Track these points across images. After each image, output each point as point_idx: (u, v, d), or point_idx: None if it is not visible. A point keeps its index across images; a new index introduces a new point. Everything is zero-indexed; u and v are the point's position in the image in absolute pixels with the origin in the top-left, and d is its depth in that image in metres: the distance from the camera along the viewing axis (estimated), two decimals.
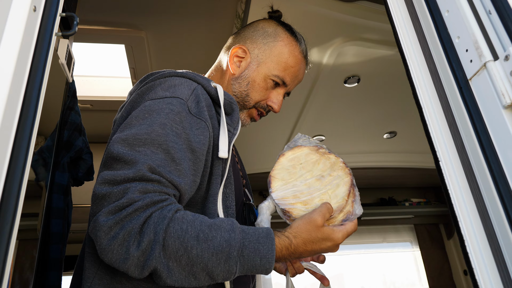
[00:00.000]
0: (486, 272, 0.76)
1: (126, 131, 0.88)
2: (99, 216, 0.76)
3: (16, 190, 0.70)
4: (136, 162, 0.81)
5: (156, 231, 0.76)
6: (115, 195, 0.78)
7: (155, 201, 0.79)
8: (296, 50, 1.24)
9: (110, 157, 0.85)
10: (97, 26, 2.30)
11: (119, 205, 0.77)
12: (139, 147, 0.84)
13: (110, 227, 0.75)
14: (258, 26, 1.29)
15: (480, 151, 0.81)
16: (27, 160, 0.75)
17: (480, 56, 0.84)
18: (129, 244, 0.75)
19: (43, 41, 0.78)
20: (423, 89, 0.97)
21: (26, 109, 0.77)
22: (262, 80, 1.20)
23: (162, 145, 0.86)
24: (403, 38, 1.06)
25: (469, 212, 0.81)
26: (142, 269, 0.76)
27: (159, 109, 0.91)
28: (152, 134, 0.86)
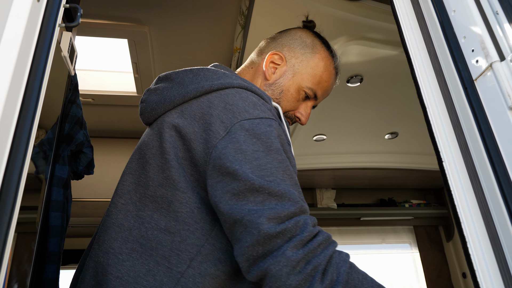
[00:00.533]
0: (488, 274, 0.75)
1: (245, 159, 0.84)
2: (286, 251, 0.75)
3: (15, 184, 0.70)
4: (287, 194, 0.81)
5: (339, 272, 0.77)
6: (290, 230, 0.77)
7: (328, 236, 0.82)
8: (331, 65, 1.24)
9: (248, 189, 0.81)
10: (100, 20, 2.30)
11: (303, 240, 0.77)
12: (268, 177, 0.83)
13: (298, 262, 0.75)
14: (296, 35, 1.27)
15: (485, 152, 0.80)
16: (27, 154, 0.74)
17: (486, 57, 0.83)
18: (314, 279, 0.75)
19: (46, 32, 0.78)
20: (428, 89, 0.96)
21: (27, 101, 0.76)
22: (295, 91, 1.19)
23: (286, 171, 0.86)
24: (409, 38, 1.05)
25: (471, 213, 0.81)
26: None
27: (265, 132, 0.89)
28: (274, 162, 0.86)
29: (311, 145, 3.48)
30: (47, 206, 1.33)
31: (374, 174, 4.03)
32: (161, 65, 2.71)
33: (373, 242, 4.40)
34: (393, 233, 4.48)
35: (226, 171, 0.83)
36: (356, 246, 4.36)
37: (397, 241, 4.46)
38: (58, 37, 1.37)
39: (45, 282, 1.28)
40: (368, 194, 4.51)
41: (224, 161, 0.84)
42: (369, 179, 4.18)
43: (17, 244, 1.15)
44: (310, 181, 4.20)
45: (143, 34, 2.39)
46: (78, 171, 1.50)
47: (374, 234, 4.43)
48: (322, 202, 4.29)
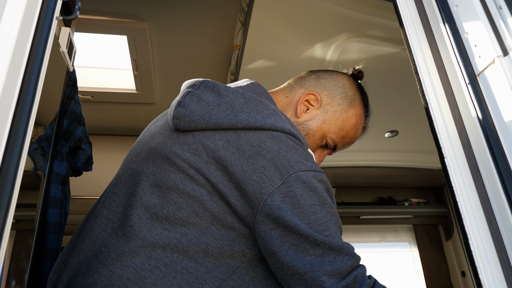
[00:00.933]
0: (490, 271, 0.74)
1: (302, 214, 0.85)
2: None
3: (11, 181, 0.69)
4: (344, 248, 0.85)
5: None
6: (350, 286, 0.82)
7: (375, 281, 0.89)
8: (361, 124, 1.26)
9: (308, 242, 0.83)
10: (99, 16, 2.28)
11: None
12: (325, 231, 0.85)
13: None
14: (341, 82, 1.25)
15: (487, 148, 0.79)
16: (23, 151, 0.73)
17: (490, 52, 0.82)
18: None
19: (44, 24, 0.77)
20: (429, 85, 0.96)
21: (23, 96, 0.75)
22: (319, 138, 1.18)
23: (337, 223, 0.90)
24: (410, 33, 1.04)
25: (473, 209, 0.80)
26: None
27: (318, 187, 0.90)
28: (328, 216, 0.88)
29: None
30: (45, 203, 1.32)
31: (373, 173, 4.03)
32: (160, 62, 2.70)
33: (372, 240, 4.40)
34: (393, 232, 4.48)
35: (284, 223, 0.83)
36: (355, 244, 4.34)
37: (397, 240, 4.46)
38: (56, 32, 1.36)
39: (43, 278, 1.27)
40: (368, 192, 4.51)
41: (283, 213, 0.84)
42: (369, 177, 4.17)
43: (15, 241, 1.15)
44: None
45: (143, 30, 2.37)
46: (76, 167, 1.50)
47: (373, 233, 4.43)
48: None
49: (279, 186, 0.86)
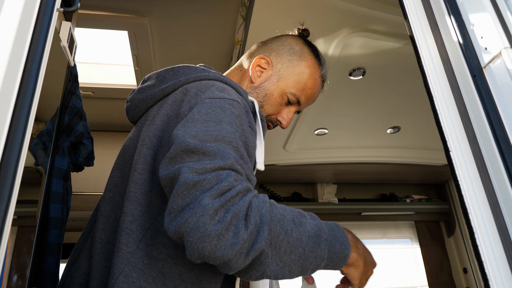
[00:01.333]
0: (496, 265, 0.73)
1: (193, 127, 0.85)
2: (202, 200, 0.72)
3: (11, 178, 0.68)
4: (220, 153, 0.80)
5: (262, 213, 0.75)
6: (209, 181, 0.74)
7: (249, 188, 0.79)
8: (316, 74, 1.27)
9: (184, 151, 0.80)
10: (100, 12, 2.27)
11: (220, 189, 0.74)
12: (211, 143, 0.82)
13: (216, 210, 0.72)
14: (286, 41, 1.31)
15: (494, 141, 0.78)
16: (23, 146, 0.72)
17: (496, 44, 0.81)
18: (237, 227, 0.72)
19: (44, 16, 0.76)
20: (435, 78, 0.94)
21: (23, 90, 0.74)
22: (279, 95, 1.23)
23: (232, 142, 0.85)
24: (415, 26, 1.03)
25: (479, 203, 0.79)
26: (247, 255, 0.73)
27: (222, 107, 0.91)
28: (223, 131, 0.85)
29: (313, 139, 3.46)
30: (47, 198, 1.31)
31: (375, 169, 4.02)
32: (161, 58, 2.69)
33: (374, 237, 4.39)
34: (394, 228, 4.47)
35: (174, 139, 0.83)
36: None
37: (398, 236, 4.45)
38: (57, 26, 1.35)
39: (45, 273, 1.27)
40: (370, 189, 4.50)
41: (174, 132, 0.85)
42: (371, 173, 4.16)
43: (17, 236, 1.14)
44: (311, 176, 4.19)
45: (144, 26, 2.36)
46: (78, 162, 1.49)
47: (375, 229, 4.42)
48: (323, 197, 4.28)
49: (186, 115, 0.92)
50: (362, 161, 3.81)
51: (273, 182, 4.29)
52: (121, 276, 0.82)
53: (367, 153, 3.72)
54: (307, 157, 3.72)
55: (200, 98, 0.96)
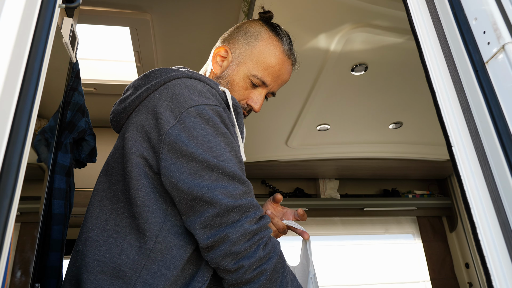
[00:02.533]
0: (498, 260, 0.73)
1: (197, 144, 0.94)
2: (244, 224, 0.90)
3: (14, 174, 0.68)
4: (238, 175, 0.95)
5: (275, 247, 0.96)
6: (245, 207, 0.92)
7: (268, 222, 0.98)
8: (277, 50, 1.23)
9: (204, 167, 0.93)
10: (101, 8, 2.27)
11: (256, 217, 0.93)
12: (220, 157, 0.95)
13: (251, 233, 0.91)
14: (243, 26, 1.31)
15: (496, 136, 0.78)
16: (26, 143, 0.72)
17: (499, 38, 0.81)
18: (258, 247, 0.91)
19: (46, 12, 0.76)
20: (437, 72, 0.94)
21: (26, 87, 0.74)
22: (241, 80, 1.22)
23: (231, 151, 0.98)
24: (417, 21, 1.02)
25: (481, 199, 0.79)
26: (254, 270, 0.91)
27: (212, 118, 0.98)
28: (222, 144, 0.97)
29: (315, 135, 3.46)
30: (50, 194, 1.32)
31: (377, 165, 4.02)
32: (163, 54, 2.68)
33: (376, 232, 4.40)
34: (396, 224, 4.47)
35: (182, 154, 0.94)
36: (359, 236, 4.35)
37: (400, 232, 4.46)
38: (58, 22, 1.35)
39: (49, 269, 1.28)
40: (372, 184, 4.50)
41: (180, 145, 0.94)
42: (373, 169, 4.16)
43: (20, 232, 1.15)
44: (313, 171, 4.19)
45: (145, 22, 2.36)
46: (80, 159, 1.49)
47: (377, 225, 4.42)
48: (325, 193, 4.28)
49: (174, 125, 0.97)
50: (364, 156, 3.81)
51: (275, 177, 4.30)
52: (144, 270, 0.93)
53: (369, 149, 3.72)
54: (309, 152, 3.72)
55: (183, 107, 0.99)
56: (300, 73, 2.70)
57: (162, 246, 0.95)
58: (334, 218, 4.33)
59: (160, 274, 0.92)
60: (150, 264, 0.93)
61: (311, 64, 2.57)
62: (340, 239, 4.30)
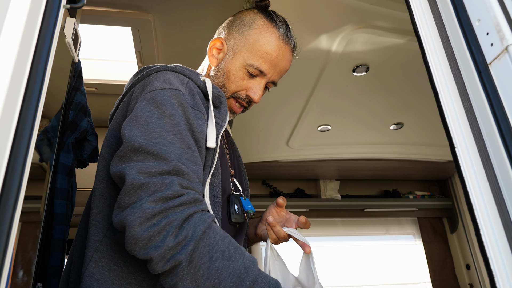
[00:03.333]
0: (501, 262, 0.73)
1: (137, 125, 0.90)
2: (143, 203, 0.78)
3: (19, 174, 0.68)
4: (163, 154, 0.85)
5: (195, 230, 0.80)
6: (154, 184, 0.80)
7: (196, 199, 0.84)
8: (272, 36, 1.19)
9: (131, 149, 0.86)
10: (103, 8, 2.27)
11: (164, 196, 0.79)
12: (156, 140, 0.87)
13: (154, 215, 0.77)
14: (237, 16, 1.28)
15: (499, 138, 0.78)
16: (31, 142, 0.73)
17: (502, 40, 0.81)
18: (167, 233, 0.77)
19: (51, 13, 0.76)
20: (440, 74, 0.94)
21: (30, 87, 0.74)
22: (238, 70, 1.19)
23: (177, 134, 0.90)
24: (420, 22, 1.02)
25: (485, 200, 0.79)
26: (167, 261, 0.77)
27: (163, 100, 0.94)
28: (166, 126, 0.90)
29: (316, 135, 3.46)
30: (52, 194, 1.32)
31: (378, 165, 4.01)
32: (165, 54, 2.69)
33: (377, 233, 4.39)
34: (397, 225, 4.47)
35: (121, 136, 0.91)
36: (360, 237, 4.35)
37: (401, 233, 4.46)
38: (61, 22, 1.35)
39: (50, 269, 1.28)
40: (372, 185, 4.50)
41: (122, 128, 0.92)
42: (374, 170, 4.16)
43: (22, 232, 1.15)
44: (314, 172, 4.19)
45: (147, 22, 2.36)
46: (82, 158, 1.50)
47: (378, 226, 4.42)
48: (326, 193, 4.28)
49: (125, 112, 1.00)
50: (365, 157, 3.80)
51: (276, 178, 4.29)
52: (91, 262, 0.89)
53: (370, 149, 3.72)
54: (310, 153, 3.72)
55: (142, 93, 1.01)
56: (301, 73, 2.71)
57: (111, 241, 0.92)
58: (335, 218, 4.32)
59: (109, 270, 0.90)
60: (97, 257, 0.90)
61: (312, 64, 2.57)
62: (341, 239, 4.30)
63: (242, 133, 3.29)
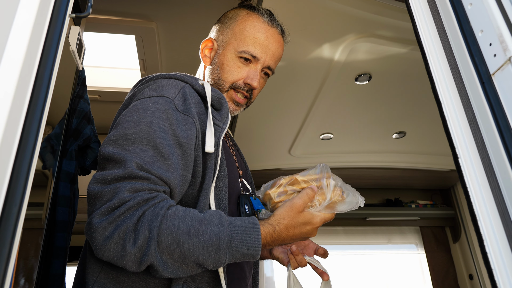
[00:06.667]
0: (505, 273, 0.73)
1: (115, 131, 0.93)
2: (93, 218, 0.82)
3: (24, 180, 0.68)
4: (125, 160, 0.87)
5: (151, 228, 0.82)
6: (106, 194, 0.83)
7: (145, 199, 0.84)
8: (257, 21, 1.24)
9: (102, 158, 0.91)
10: (107, 16, 2.28)
11: (111, 206, 0.82)
12: (129, 146, 0.90)
13: (105, 228, 0.81)
14: (221, 16, 1.34)
15: (503, 148, 0.78)
16: (35, 149, 0.73)
17: (505, 50, 0.81)
18: (125, 242, 0.81)
19: (56, 22, 0.77)
20: (443, 84, 0.94)
21: (36, 95, 0.75)
22: (230, 60, 1.22)
23: (150, 142, 0.91)
24: (423, 33, 1.03)
25: (488, 211, 0.79)
26: (139, 264, 0.82)
27: (145, 108, 0.97)
28: (140, 133, 0.92)
29: (318, 144, 3.46)
30: (54, 201, 1.32)
31: (380, 174, 4.00)
32: (168, 62, 2.70)
33: (379, 242, 4.37)
34: (399, 234, 4.44)
35: None
36: (361, 246, 4.33)
37: (403, 242, 4.43)
38: (66, 31, 1.36)
39: (52, 277, 1.27)
40: (375, 194, 4.48)
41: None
42: (376, 178, 4.15)
43: (24, 239, 1.14)
44: None
45: (151, 30, 2.37)
46: (85, 166, 1.50)
47: (380, 235, 4.40)
48: None
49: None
50: (367, 166, 3.80)
51: None
52: (101, 274, 0.93)
53: (372, 158, 3.71)
54: (312, 161, 3.72)
55: (132, 101, 1.03)
56: (304, 82, 2.71)
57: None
58: (337, 227, 4.30)
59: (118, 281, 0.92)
60: (107, 268, 0.93)
61: (315, 73, 2.58)
62: (343, 248, 4.27)
63: (245, 141, 3.29)
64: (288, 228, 0.94)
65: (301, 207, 0.96)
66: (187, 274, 0.87)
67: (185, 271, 0.86)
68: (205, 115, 1.06)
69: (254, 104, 1.35)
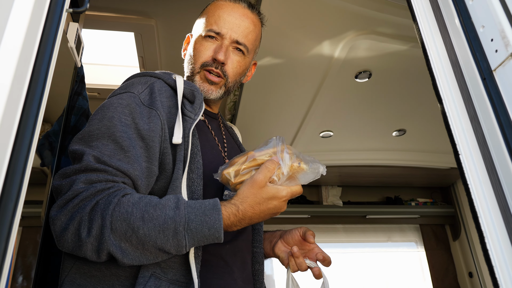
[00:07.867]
0: (506, 270, 0.72)
1: (82, 130, 0.99)
2: (51, 211, 0.87)
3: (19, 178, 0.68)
4: (83, 154, 0.91)
5: (103, 216, 0.84)
6: (63, 187, 0.89)
7: (99, 189, 0.87)
8: (218, 2, 1.30)
9: (70, 156, 0.97)
10: (106, 13, 2.28)
11: (65, 198, 0.87)
12: (92, 142, 0.95)
13: (61, 219, 0.86)
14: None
15: (504, 144, 0.77)
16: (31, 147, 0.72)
17: (507, 46, 0.80)
18: (79, 231, 0.84)
19: (53, 17, 0.76)
20: (444, 80, 0.94)
21: (32, 91, 0.74)
22: (197, 43, 1.28)
23: (111, 136, 0.95)
24: (424, 29, 1.02)
25: (489, 207, 0.78)
26: (98, 252, 0.84)
27: (109, 104, 1.02)
28: (102, 128, 0.96)
29: (318, 142, 3.46)
30: (53, 198, 1.31)
31: (380, 172, 4.00)
32: (167, 59, 2.69)
33: (379, 240, 4.37)
34: (399, 232, 4.44)
35: None
36: (361, 244, 4.33)
37: (403, 240, 4.43)
38: (64, 27, 1.35)
39: (51, 274, 1.27)
40: (374, 192, 4.48)
41: None
42: (376, 176, 4.14)
43: (22, 237, 1.14)
44: None
45: (150, 27, 2.36)
46: None
47: (380, 233, 4.40)
48: (328, 200, 4.27)
49: None
50: (367, 163, 3.79)
51: None
52: (73, 268, 0.97)
53: (372, 156, 3.70)
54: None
55: None
56: (304, 79, 2.70)
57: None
58: (337, 225, 4.30)
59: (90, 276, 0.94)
60: (80, 264, 0.95)
61: (315, 70, 2.57)
62: (343, 246, 4.27)
63: (244, 139, 3.27)
64: (253, 205, 0.93)
65: (262, 182, 0.94)
66: (153, 261, 0.88)
67: (149, 257, 0.87)
68: (176, 108, 1.08)
69: (254, 101, 1.35)
